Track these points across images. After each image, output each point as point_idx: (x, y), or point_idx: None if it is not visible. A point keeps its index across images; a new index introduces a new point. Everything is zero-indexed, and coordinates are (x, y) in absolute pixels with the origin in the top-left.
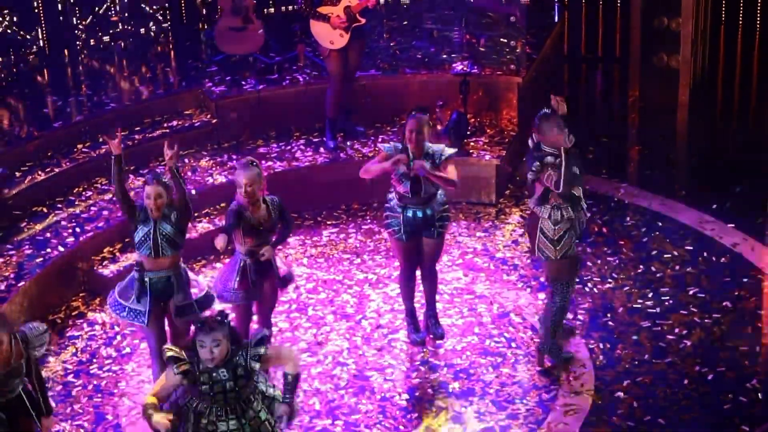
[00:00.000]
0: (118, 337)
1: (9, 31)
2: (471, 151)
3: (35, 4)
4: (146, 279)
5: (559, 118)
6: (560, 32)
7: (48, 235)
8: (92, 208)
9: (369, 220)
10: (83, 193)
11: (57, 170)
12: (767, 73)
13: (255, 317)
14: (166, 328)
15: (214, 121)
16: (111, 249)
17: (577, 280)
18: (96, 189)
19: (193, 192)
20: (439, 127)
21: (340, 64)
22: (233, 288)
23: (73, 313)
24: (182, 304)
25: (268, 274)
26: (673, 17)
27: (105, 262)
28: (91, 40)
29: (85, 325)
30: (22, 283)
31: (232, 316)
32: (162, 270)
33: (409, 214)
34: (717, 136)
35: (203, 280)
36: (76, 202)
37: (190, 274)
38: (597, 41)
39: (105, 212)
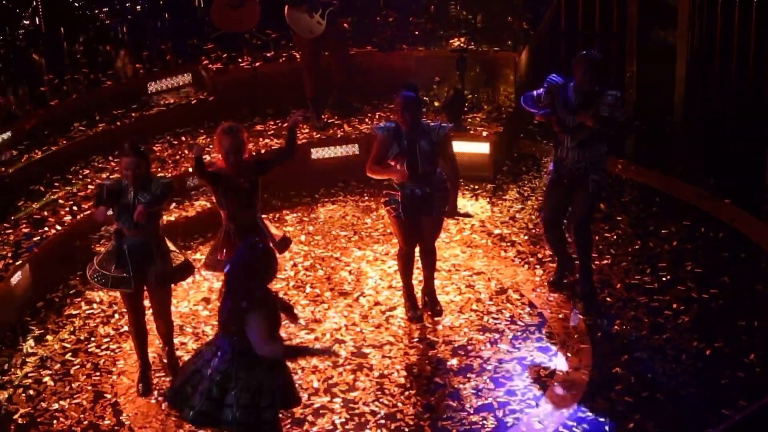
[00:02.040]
0: (116, 316)
1: (4, 7)
2: (468, 127)
3: None
4: (125, 246)
5: None
6: (557, 8)
7: (45, 213)
8: (89, 186)
9: (366, 197)
10: (80, 171)
11: (54, 148)
12: (764, 46)
13: None
14: (146, 302)
15: (211, 98)
16: (108, 228)
17: (574, 255)
18: (93, 167)
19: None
20: (436, 104)
21: (314, 50)
22: (220, 258)
23: (71, 292)
24: (162, 272)
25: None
26: None
27: (103, 241)
28: (88, 18)
29: (83, 303)
30: (19, 261)
31: None
32: (141, 240)
33: (408, 192)
34: (714, 111)
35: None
36: (73, 181)
37: (170, 245)
38: (594, 17)
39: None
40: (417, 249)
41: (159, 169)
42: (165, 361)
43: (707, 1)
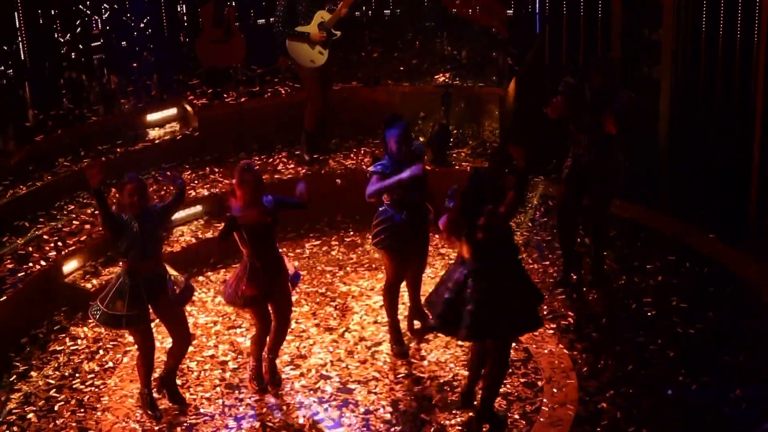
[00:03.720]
0: (101, 352)
1: None
2: (453, 162)
3: (16, 16)
4: (139, 282)
5: None
6: (542, 43)
7: (30, 249)
8: (74, 222)
9: (352, 233)
10: (65, 207)
11: (39, 184)
12: (748, 81)
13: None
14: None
15: (197, 134)
16: (93, 263)
17: (561, 289)
18: (78, 203)
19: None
20: (421, 139)
21: (319, 80)
22: (242, 292)
23: (55, 328)
24: (175, 297)
25: (280, 276)
26: (654, 29)
27: (87, 276)
28: (72, 53)
29: (67, 339)
30: (3, 297)
31: None
32: (152, 270)
33: (399, 220)
34: (698, 147)
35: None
36: (58, 216)
37: (169, 268)
38: (578, 52)
39: (87, 226)
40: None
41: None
42: (163, 388)
43: (690, 35)
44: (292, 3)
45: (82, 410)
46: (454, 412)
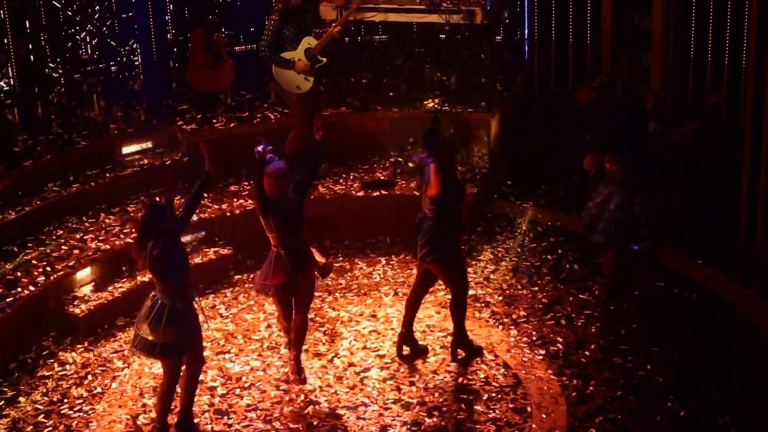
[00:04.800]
0: (89, 377)
1: None
2: None
3: (5, 41)
4: (178, 305)
5: None
6: (530, 69)
7: (18, 274)
8: (63, 247)
9: (341, 258)
10: (54, 232)
11: (27, 209)
12: (735, 110)
13: None
14: None
15: (186, 159)
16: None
17: (549, 315)
18: (67, 228)
19: None
20: (411, 165)
21: (305, 106)
22: (270, 282)
23: (44, 353)
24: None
25: (305, 268)
26: (643, 54)
27: (76, 302)
28: (62, 79)
29: (56, 365)
30: None
31: None
32: (187, 290)
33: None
34: (687, 172)
35: None
36: (47, 241)
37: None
38: (567, 77)
39: (76, 251)
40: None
41: (132, 230)
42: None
43: (679, 59)
44: (279, 28)
45: None
46: None
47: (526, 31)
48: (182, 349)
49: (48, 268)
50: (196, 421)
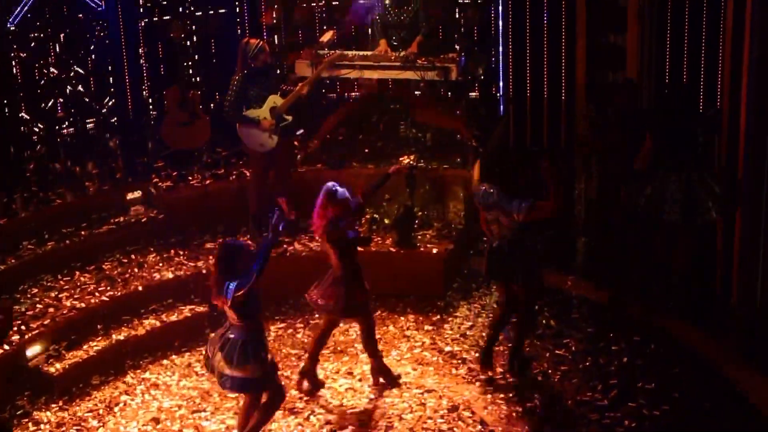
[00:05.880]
0: None
1: None
2: (419, 244)
3: None
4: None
5: None
6: (506, 125)
7: None
8: (38, 305)
9: (317, 315)
10: (28, 290)
11: (2, 267)
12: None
13: None
14: None
15: (161, 216)
16: (57, 347)
17: (527, 372)
18: (42, 286)
19: None
20: (386, 221)
21: (263, 162)
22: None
23: (18, 413)
24: None
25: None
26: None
27: (50, 360)
28: (37, 136)
29: (30, 424)
30: None
31: None
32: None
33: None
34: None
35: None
36: (21, 300)
37: None
38: (542, 133)
39: (51, 309)
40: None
41: (108, 288)
42: None
43: (657, 116)
44: (244, 87)
45: None
46: None
47: (501, 87)
48: (272, 379)
49: (23, 327)
50: None
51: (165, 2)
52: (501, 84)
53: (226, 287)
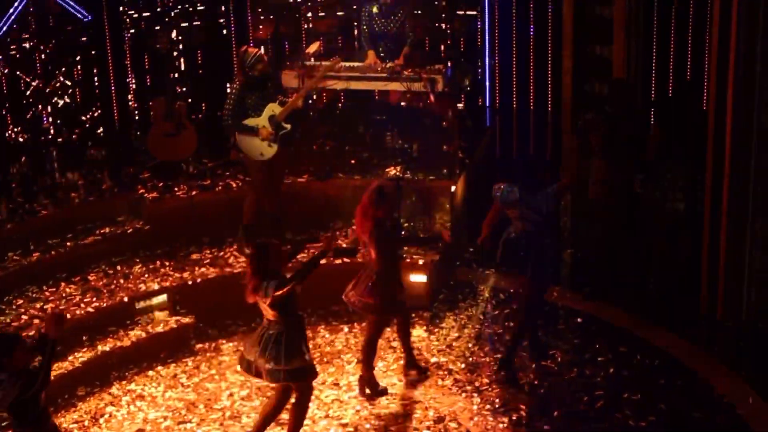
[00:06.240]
0: None
1: None
2: (405, 255)
3: None
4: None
5: None
6: (492, 136)
7: None
8: (23, 316)
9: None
10: (14, 301)
11: None
12: (694, 199)
13: None
14: None
15: (147, 228)
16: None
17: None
18: (27, 297)
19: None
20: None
21: (265, 173)
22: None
23: (3, 424)
24: None
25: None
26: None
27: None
28: (22, 147)
29: None
30: None
31: None
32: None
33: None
34: (646, 238)
35: None
36: (6, 311)
37: None
38: (528, 144)
39: (36, 321)
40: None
41: (93, 299)
42: None
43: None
44: (242, 96)
45: None
46: None
47: (487, 98)
48: (312, 372)
49: None
50: None
51: (151, 13)
52: (487, 95)
53: (264, 287)
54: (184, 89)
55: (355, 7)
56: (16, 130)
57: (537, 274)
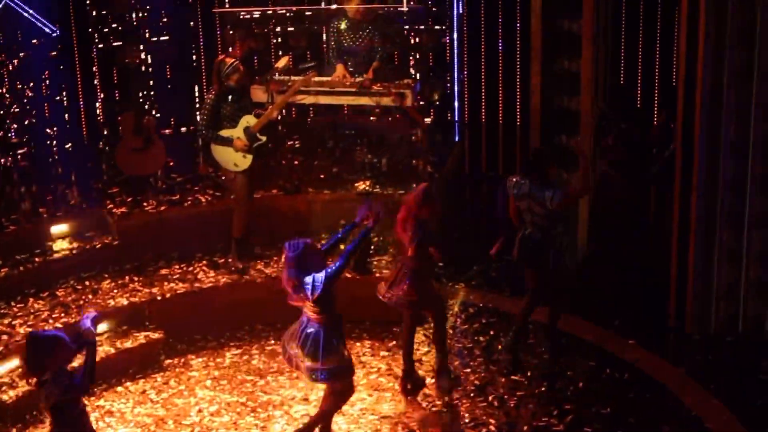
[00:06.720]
0: None
1: None
2: (374, 270)
3: None
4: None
5: None
6: (461, 151)
7: None
8: None
9: (272, 341)
10: None
11: None
12: (663, 206)
13: None
14: None
15: (116, 243)
16: (10, 375)
17: (482, 397)
18: None
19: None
20: (342, 246)
21: (246, 185)
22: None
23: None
24: None
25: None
26: (572, 135)
27: (3, 388)
28: None
29: None
30: None
31: None
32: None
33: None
34: (616, 252)
35: None
36: None
37: None
38: (498, 160)
39: (4, 336)
40: None
41: (62, 315)
42: None
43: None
44: (217, 106)
45: None
46: None
47: (456, 113)
48: (350, 371)
49: None
50: None
51: (120, 28)
52: (456, 109)
53: (310, 283)
54: (153, 104)
55: (324, 25)
56: None
57: (559, 264)
